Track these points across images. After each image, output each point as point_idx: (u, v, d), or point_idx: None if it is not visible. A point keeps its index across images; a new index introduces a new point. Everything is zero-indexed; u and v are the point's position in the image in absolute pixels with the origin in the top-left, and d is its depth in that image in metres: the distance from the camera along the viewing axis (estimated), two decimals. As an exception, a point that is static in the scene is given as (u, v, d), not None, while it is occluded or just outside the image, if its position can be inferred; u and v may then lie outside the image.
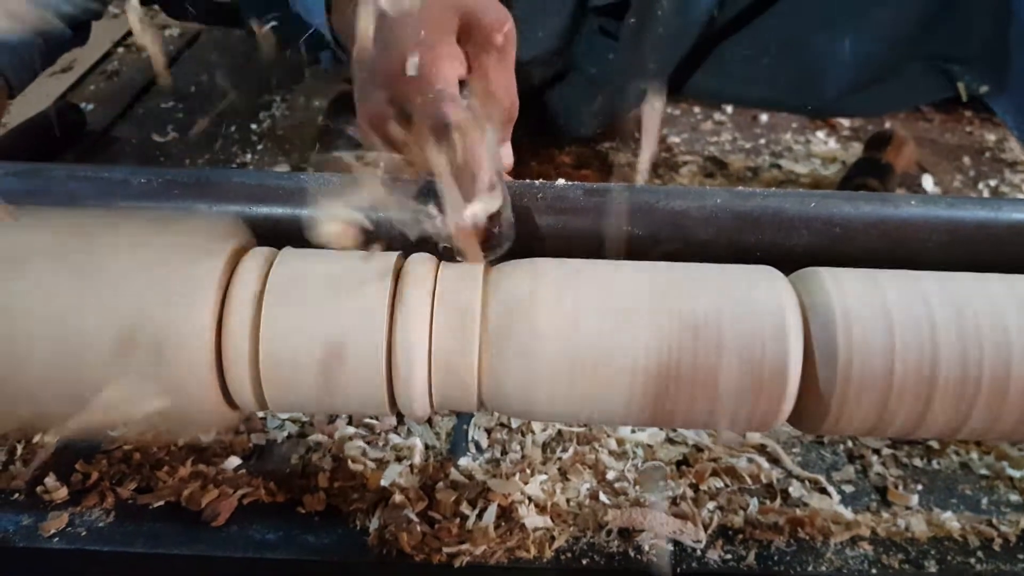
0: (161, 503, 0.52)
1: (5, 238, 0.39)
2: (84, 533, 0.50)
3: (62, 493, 0.52)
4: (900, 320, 0.37)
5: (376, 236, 0.42)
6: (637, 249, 0.45)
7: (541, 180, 0.49)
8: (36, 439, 0.56)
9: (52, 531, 0.49)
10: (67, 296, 0.37)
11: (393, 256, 0.40)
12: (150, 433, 0.55)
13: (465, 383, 0.39)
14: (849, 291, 0.38)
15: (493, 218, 0.43)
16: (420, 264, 0.40)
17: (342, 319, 0.37)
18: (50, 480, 0.53)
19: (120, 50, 1.24)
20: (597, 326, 0.38)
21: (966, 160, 1.02)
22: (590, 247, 0.45)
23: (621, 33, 0.87)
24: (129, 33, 1.28)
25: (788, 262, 0.42)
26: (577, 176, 0.95)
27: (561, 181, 0.49)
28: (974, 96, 0.83)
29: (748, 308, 0.37)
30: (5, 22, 0.56)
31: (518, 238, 0.44)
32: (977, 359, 0.37)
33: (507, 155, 0.59)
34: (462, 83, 0.55)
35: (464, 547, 0.48)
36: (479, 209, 0.42)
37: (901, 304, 0.38)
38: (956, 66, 0.83)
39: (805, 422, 0.40)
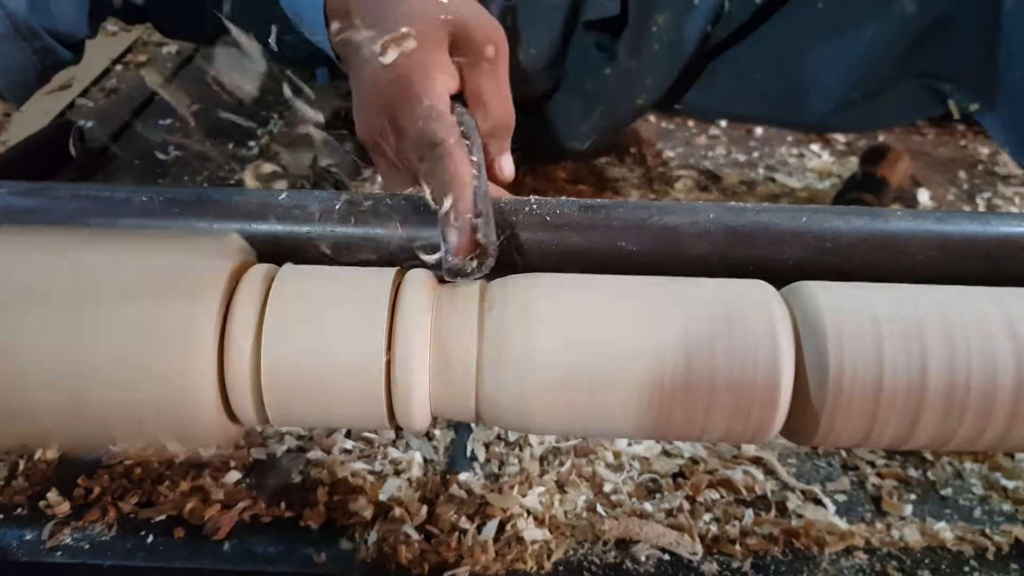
0: (162, 517, 0.52)
1: (12, 255, 0.39)
2: (87, 547, 0.50)
3: (64, 507, 0.52)
4: (889, 333, 0.38)
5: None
6: (631, 264, 0.46)
7: (536, 196, 0.49)
8: (38, 455, 0.57)
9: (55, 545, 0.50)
10: (71, 313, 0.38)
11: (392, 272, 0.41)
12: (151, 448, 0.56)
13: (463, 398, 0.39)
14: (839, 305, 0.39)
15: (473, 240, 0.43)
16: (418, 280, 0.41)
17: (342, 335, 0.38)
18: (52, 495, 0.53)
19: (118, 67, 1.25)
20: (592, 340, 0.38)
21: (960, 173, 1.03)
22: (585, 263, 0.46)
23: (617, 49, 0.88)
24: (127, 51, 1.29)
25: (780, 276, 0.43)
26: (573, 191, 0.96)
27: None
28: (965, 113, 0.84)
29: (740, 322, 0.38)
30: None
31: (518, 254, 0.45)
32: (965, 371, 0.37)
33: (507, 165, 0.60)
34: (457, 97, 0.56)
35: (463, 561, 0.49)
36: (459, 231, 0.43)
37: (890, 317, 0.38)
38: (946, 84, 0.84)
39: (797, 434, 0.40)
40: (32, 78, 0.78)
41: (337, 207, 0.47)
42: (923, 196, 0.97)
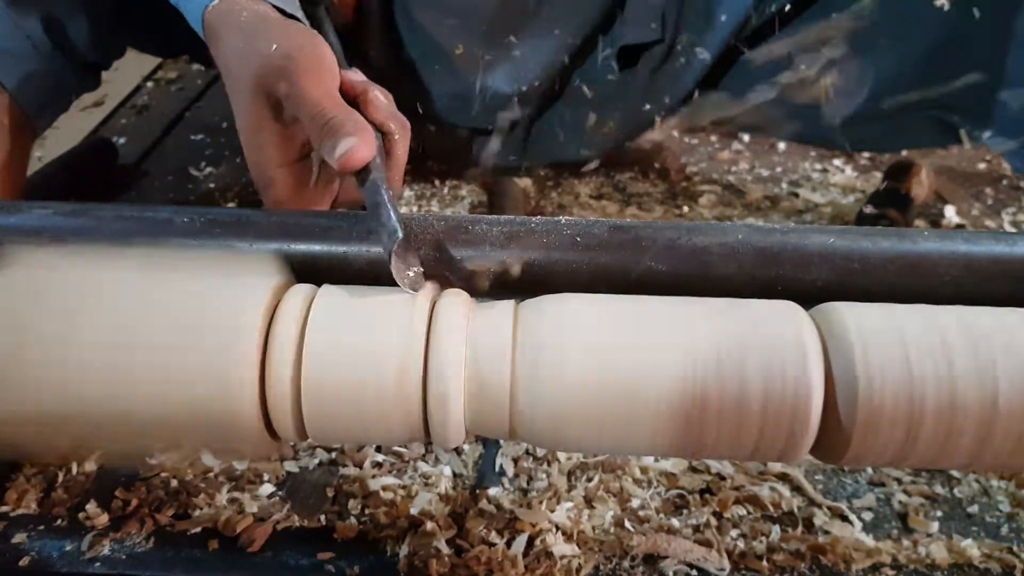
0: (198, 529, 0.53)
1: (60, 274, 0.41)
2: (124, 558, 0.51)
3: (103, 519, 0.54)
4: (918, 353, 0.38)
5: None
6: (660, 284, 0.46)
7: (567, 217, 0.50)
8: (76, 468, 0.58)
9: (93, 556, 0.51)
10: (115, 333, 0.39)
11: (428, 292, 0.42)
12: (188, 460, 0.57)
13: (497, 415, 0.40)
14: (868, 325, 0.39)
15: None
16: (454, 299, 0.41)
17: (380, 354, 0.39)
18: (91, 506, 0.54)
19: (149, 84, 1.27)
20: (623, 360, 0.39)
21: (984, 189, 1.03)
22: (614, 283, 0.47)
23: (639, 64, 0.88)
24: (158, 68, 1.31)
25: (808, 297, 0.44)
26: (597, 207, 0.96)
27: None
28: (978, 143, 0.84)
29: (770, 342, 0.39)
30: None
31: (552, 274, 0.46)
32: (993, 391, 0.38)
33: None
34: None
35: (493, 575, 0.50)
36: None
37: (919, 337, 0.39)
38: (955, 116, 0.84)
39: (827, 454, 0.41)
40: (54, 101, 0.80)
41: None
42: (949, 212, 0.97)
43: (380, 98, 0.58)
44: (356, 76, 0.59)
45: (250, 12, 0.59)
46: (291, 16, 0.61)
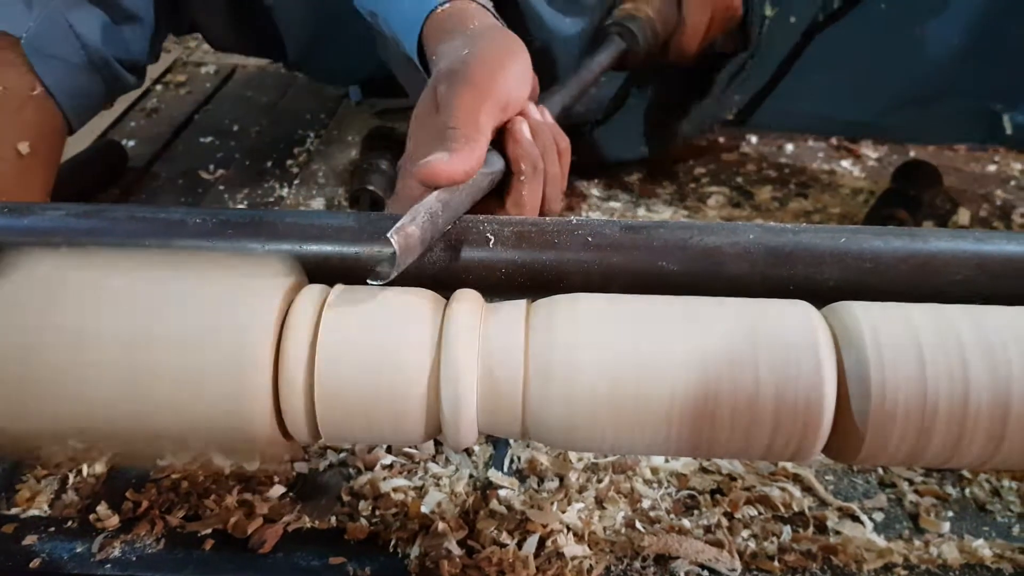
0: (209, 531, 0.53)
1: (74, 275, 0.41)
2: (135, 560, 0.51)
3: (114, 521, 0.54)
4: (931, 352, 0.38)
5: None
6: (672, 284, 0.46)
7: (578, 217, 0.50)
8: (87, 470, 0.58)
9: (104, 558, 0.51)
10: (128, 334, 0.39)
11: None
12: (199, 462, 0.57)
13: (510, 416, 0.40)
14: (881, 324, 0.39)
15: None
16: (465, 299, 0.41)
17: (393, 355, 0.39)
18: (102, 508, 0.55)
19: (159, 87, 1.27)
20: (635, 359, 0.39)
21: (993, 190, 1.03)
22: (626, 282, 0.47)
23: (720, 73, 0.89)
24: (167, 71, 1.32)
25: (820, 296, 0.44)
26: (606, 208, 0.96)
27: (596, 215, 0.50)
28: (1020, 127, 0.83)
29: (782, 342, 0.39)
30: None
31: (564, 274, 0.46)
32: (1006, 390, 0.37)
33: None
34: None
35: None
36: None
37: (932, 336, 0.39)
38: (997, 104, 0.84)
39: (840, 453, 0.41)
40: (97, 104, 0.81)
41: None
42: (962, 214, 0.96)
43: (523, 132, 0.56)
44: (534, 114, 0.60)
45: (480, 22, 0.61)
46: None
